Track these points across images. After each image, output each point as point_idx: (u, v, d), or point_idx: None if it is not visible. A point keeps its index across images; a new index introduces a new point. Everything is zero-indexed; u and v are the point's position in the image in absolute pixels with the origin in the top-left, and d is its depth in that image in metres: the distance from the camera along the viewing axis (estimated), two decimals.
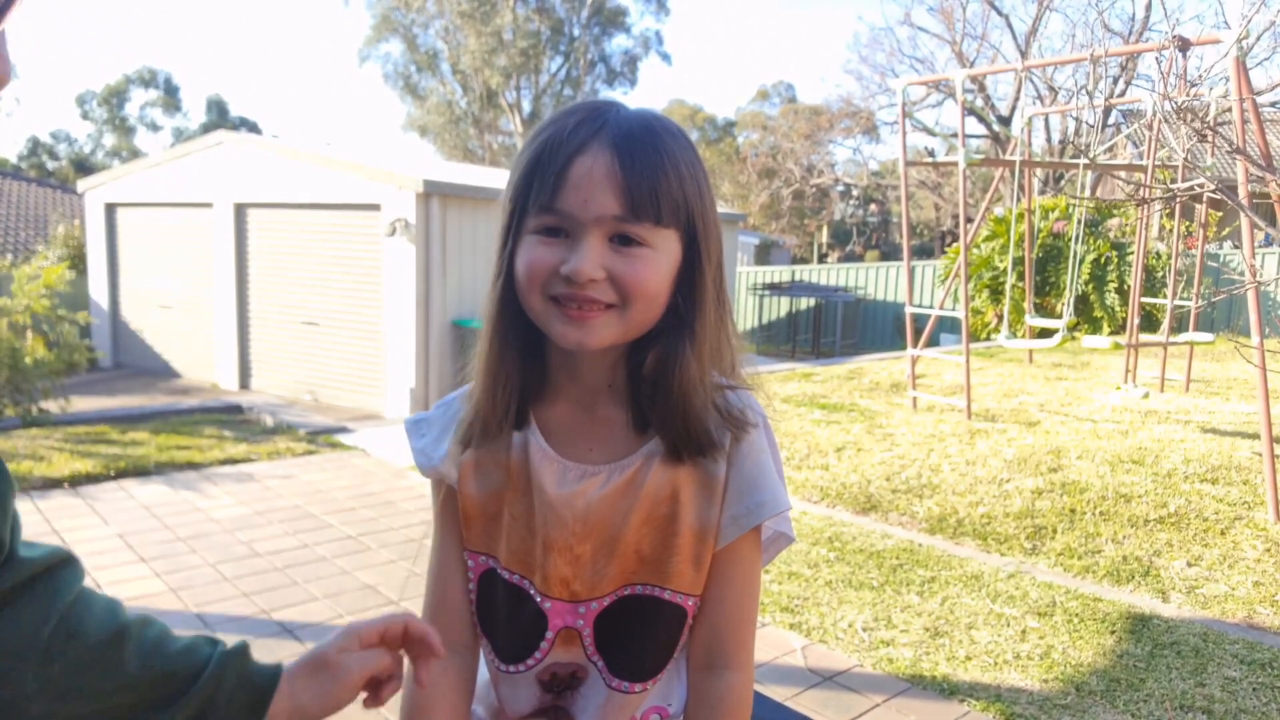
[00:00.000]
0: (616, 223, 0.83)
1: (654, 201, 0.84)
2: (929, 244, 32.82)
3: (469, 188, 10.22)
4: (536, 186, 0.84)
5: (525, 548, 0.95)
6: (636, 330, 0.87)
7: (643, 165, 0.84)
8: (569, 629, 0.96)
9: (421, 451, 1.01)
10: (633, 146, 0.84)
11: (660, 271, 0.86)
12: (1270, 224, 9.25)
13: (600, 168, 0.83)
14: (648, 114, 0.89)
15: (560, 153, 0.84)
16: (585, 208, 0.83)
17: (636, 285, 0.84)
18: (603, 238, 0.84)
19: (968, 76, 6.20)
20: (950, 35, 23.48)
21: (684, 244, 0.88)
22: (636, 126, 0.86)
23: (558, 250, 0.84)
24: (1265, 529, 3.82)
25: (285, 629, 2.86)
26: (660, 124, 0.88)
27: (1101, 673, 2.61)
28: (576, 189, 0.83)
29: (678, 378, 0.88)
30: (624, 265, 0.84)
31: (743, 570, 0.95)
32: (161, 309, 13.06)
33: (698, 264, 0.89)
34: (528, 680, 0.98)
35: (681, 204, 0.86)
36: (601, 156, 0.83)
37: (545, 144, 0.85)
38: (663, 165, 0.85)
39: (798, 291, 15.69)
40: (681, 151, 0.87)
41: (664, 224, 0.85)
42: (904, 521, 4.02)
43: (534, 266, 0.85)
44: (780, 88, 40.46)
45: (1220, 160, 9.78)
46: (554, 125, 0.87)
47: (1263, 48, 12.36)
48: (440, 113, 34.39)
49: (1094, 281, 11.08)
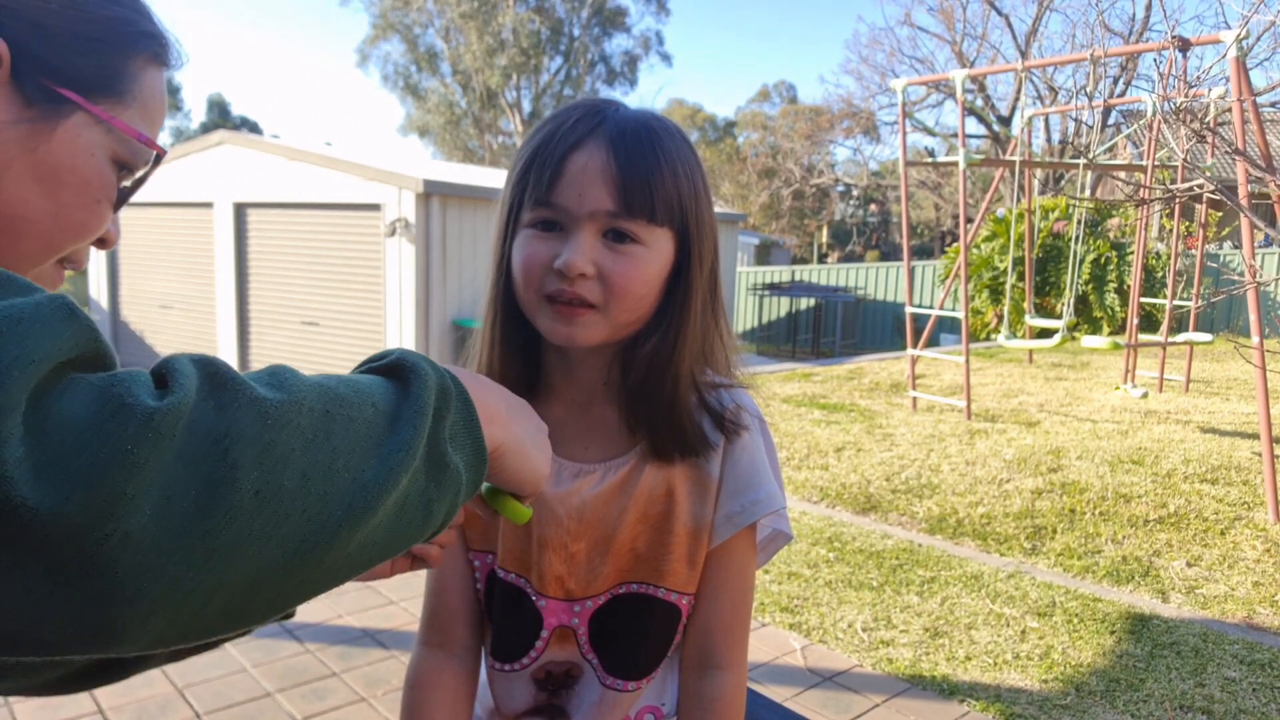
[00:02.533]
0: (610, 218, 0.83)
1: (648, 199, 0.84)
2: (929, 244, 32.82)
3: (469, 188, 10.22)
4: (533, 180, 0.85)
5: (521, 546, 0.95)
6: (624, 330, 0.88)
7: (638, 162, 0.84)
8: (564, 627, 0.96)
9: None
10: (629, 144, 0.84)
11: (650, 271, 0.86)
12: (1270, 224, 9.24)
13: (596, 163, 0.83)
14: (647, 113, 0.89)
15: (557, 148, 0.84)
16: (579, 202, 0.83)
17: (622, 285, 0.84)
18: (596, 233, 0.84)
19: (968, 76, 6.20)
20: (950, 35, 23.50)
21: (677, 244, 0.88)
22: (634, 124, 0.86)
23: (552, 244, 0.84)
24: (1265, 529, 3.82)
25: (285, 629, 2.86)
26: (659, 123, 0.88)
27: (1101, 673, 2.61)
28: (571, 183, 0.83)
29: (664, 377, 0.89)
30: (614, 263, 0.84)
31: (736, 569, 0.95)
32: (161, 309, 13.05)
33: (689, 264, 0.89)
34: (523, 678, 0.99)
35: (676, 203, 0.86)
36: (598, 152, 0.83)
37: (544, 140, 0.86)
38: (659, 163, 0.85)
39: (798, 291, 15.69)
40: (679, 151, 0.87)
41: (657, 222, 0.85)
42: (904, 522, 4.02)
43: (529, 261, 0.85)
44: (781, 88, 40.49)
45: (1220, 160, 9.78)
46: (553, 122, 0.87)
47: (1263, 48, 12.38)
48: (440, 113, 34.39)
49: (1094, 281, 11.08)
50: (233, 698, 2.41)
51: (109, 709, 2.33)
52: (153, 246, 12.98)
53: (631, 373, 0.89)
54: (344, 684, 2.51)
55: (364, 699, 2.43)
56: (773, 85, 41.34)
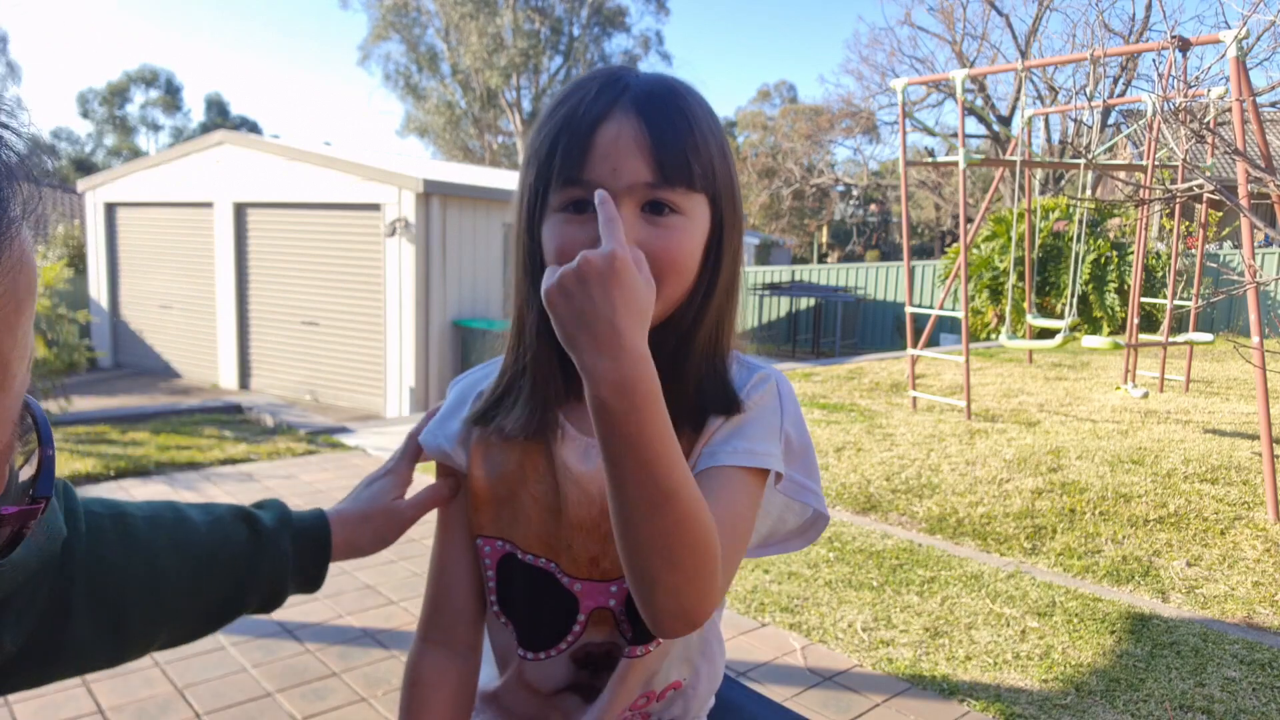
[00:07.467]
0: (649, 189, 0.79)
1: (685, 165, 0.80)
2: (929, 244, 32.82)
3: (469, 187, 10.22)
4: (560, 159, 0.79)
5: (549, 529, 0.91)
6: (670, 307, 0.84)
7: (671, 128, 0.79)
8: (601, 609, 0.92)
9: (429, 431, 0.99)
10: (659, 109, 0.80)
11: (694, 240, 0.82)
12: (1270, 224, 9.24)
13: (628, 133, 0.78)
14: (666, 76, 0.85)
15: (583, 122, 0.79)
16: (615, 176, 0.78)
17: (669, 261, 0.80)
18: (634, 207, 0.79)
19: (968, 76, 6.20)
20: (950, 35, 23.50)
21: (712, 209, 0.84)
22: (659, 88, 0.82)
23: (588, 227, 0.77)
24: (1265, 529, 3.82)
25: (285, 629, 2.86)
26: (681, 85, 0.85)
27: (1101, 673, 2.61)
28: (605, 158, 0.78)
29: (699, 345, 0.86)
30: (658, 238, 0.79)
31: (723, 493, 0.81)
32: (161, 309, 13.05)
33: (725, 229, 0.85)
34: (560, 661, 0.95)
35: (709, 167, 0.82)
36: (628, 121, 0.79)
37: (567, 115, 0.80)
38: (690, 127, 0.81)
39: (798, 291, 15.69)
40: (703, 113, 0.84)
41: (696, 188, 0.81)
42: (904, 521, 4.02)
43: (565, 249, 0.78)
44: (781, 88, 40.49)
45: (1220, 160, 9.78)
46: (573, 95, 0.82)
47: (1263, 48, 12.38)
48: (440, 113, 34.39)
49: (1094, 281, 11.08)
50: (233, 698, 2.41)
51: (109, 709, 2.33)
52: (153, 246, 12.98)
53: (667, 344, 0.84)
54: (344, 684, 2.51)
55: (364, 699, 2.43)
56: (773, 85, 41.38)
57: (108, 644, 0.79)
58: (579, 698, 0.96)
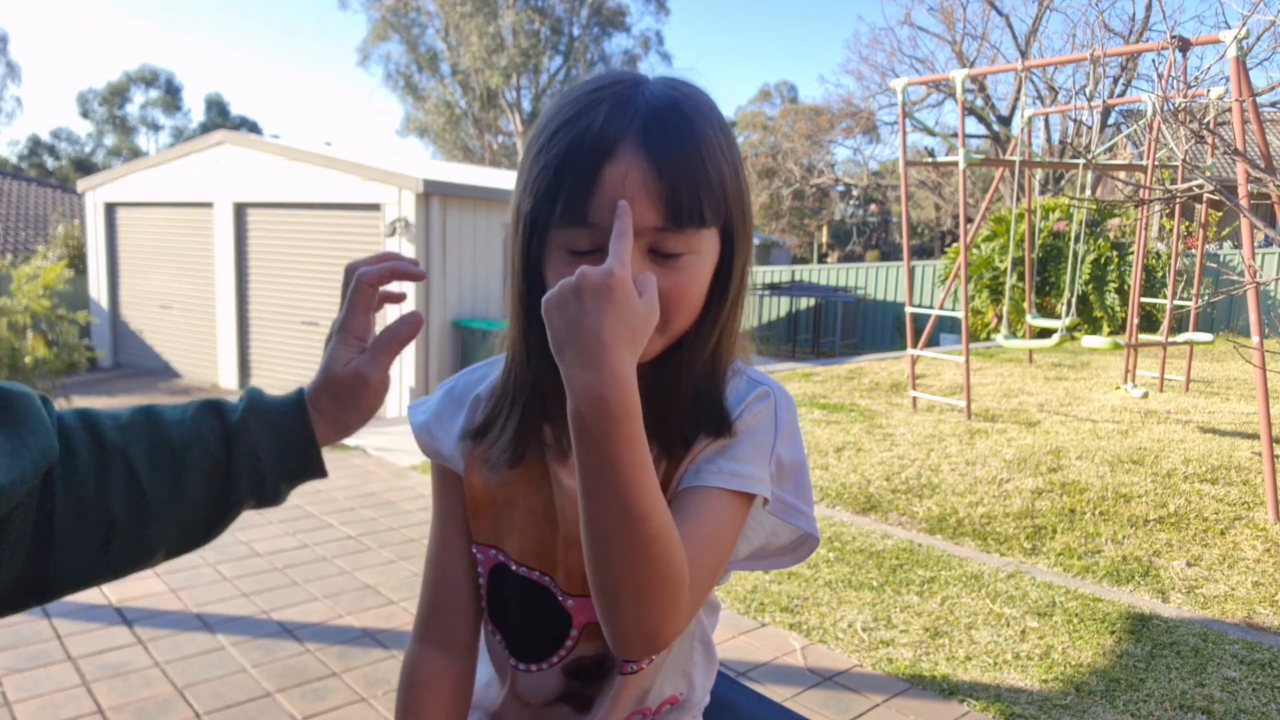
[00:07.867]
0: (657, 234, 0.76)
1: (696, 205, 0.76)
2: (929, 244, 32.83)
3: (469, 188, 10.22)
4: (565, 197, 0.76)
5: (545, 542, 0.90)
6: (676, 338, 0.83)
7: (683, 165, 0.76)
8: (594, 624, 0.90)
9: (423, 427, 0.96)
10: (669, 143, 0.75)
11: (703, 276, 0.81)
12: (1270, 224, 9.24)
13: (636, 175, 0.74)
14: (677, 94, 0.80)
15: (589, 159, 0.75)
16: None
17: (679, 299, 0.78)
18: (642, 251, 0.77)
19: (968, 76, 6.20)
20: (950, 35, 23.50)
21: (722, 237, 0.82)
22: (670, 111, 0.77)
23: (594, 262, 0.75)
24: (1265, 529, 3.82)
25: (285, 629, 2.86)
26: (691, 105, 0.79)
27: (1101, 673, 2.61)
28: (612, 202, 0.74)
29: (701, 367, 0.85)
30: (665, 279, 0.77)
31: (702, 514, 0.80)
32: (161, 309, 13.05)
33: (734, 254, 0.83)
34: (552, 673, 0.94)
35: (721, 199, 0.79)
36: (636, 162, 0.75)
37: (571, 145, 0.76)
38: (701, 160, 0.77)
39: (798, 291, 15.69)
40: (716, 135, 0.79)
41: (707, 225, 0.78)
42: (904, 521, 4.02)
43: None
44: (781, 88, 40.50)
45: (1220, 160, 9.78)
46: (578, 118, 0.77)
47: (1263, 48, 12.38)
48: (440, 113, 34.40)
49: (1094, 281, 11.08)
50: (233, 698, 2.41)
51: (109, 709, 2.33)
52: (153, 246, 12.98)
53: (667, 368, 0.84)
54: (344, 684, 2.51)
55: (364, 699, 2.43)
56: (773, 85, 41.37)
57: (99, 558, 0.77)
58: (570, 708, 0.96)
